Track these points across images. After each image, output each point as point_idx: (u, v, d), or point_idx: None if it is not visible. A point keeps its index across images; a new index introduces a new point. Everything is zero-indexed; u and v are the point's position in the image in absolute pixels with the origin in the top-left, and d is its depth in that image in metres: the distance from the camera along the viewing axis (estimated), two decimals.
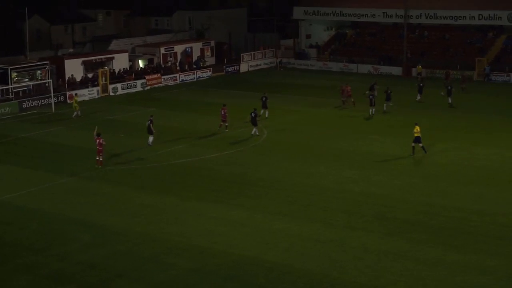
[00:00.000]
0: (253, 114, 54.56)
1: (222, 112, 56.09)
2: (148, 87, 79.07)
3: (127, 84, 77.81)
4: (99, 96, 74.26)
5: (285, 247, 32.74)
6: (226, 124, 55.89)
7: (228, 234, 34.52)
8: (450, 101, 65.06)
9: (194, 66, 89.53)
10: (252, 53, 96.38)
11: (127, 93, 76.24)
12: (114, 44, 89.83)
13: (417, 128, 47.85)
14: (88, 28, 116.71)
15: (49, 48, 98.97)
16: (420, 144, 47.83)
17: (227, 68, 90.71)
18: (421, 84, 68.69)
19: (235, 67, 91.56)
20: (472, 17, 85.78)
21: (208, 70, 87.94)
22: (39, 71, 74.04)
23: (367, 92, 65.70)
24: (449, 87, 65.93)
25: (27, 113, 65.97)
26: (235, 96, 71.84)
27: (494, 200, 38.75)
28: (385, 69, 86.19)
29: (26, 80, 72.88)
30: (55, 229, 35.69)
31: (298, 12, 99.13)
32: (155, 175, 45.03)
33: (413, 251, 31.94)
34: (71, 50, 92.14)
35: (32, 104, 68.08)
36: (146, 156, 49.40)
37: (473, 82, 78.87)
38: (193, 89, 78.04)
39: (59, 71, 76.47)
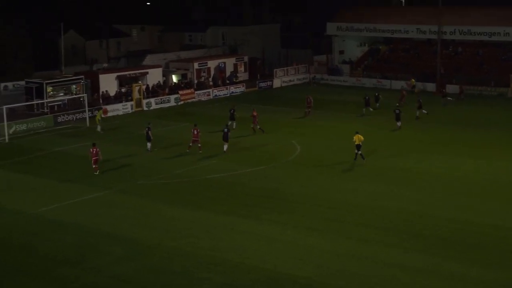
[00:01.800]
0: (225, 130, 54.57)
1: (195, 132, 54.39)
2: (182, 102, 79.24)
3: (161, 99, 78.05)
4: (133, 110, 74.52)
5: (319, 264, 32.31)
6: (199, 145, 54.29)
7: (260, 249, 34.18)
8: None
9: (228, 82, 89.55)
10: (286, 68, 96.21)
11: (161, 108, 76.42)
12: (148, 59, 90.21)
13: (359, 137, 50.05)
14: (123, 43, 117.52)
15: (84, 63, 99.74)
16: (359, 152, 50.02)
17: (260, 84, 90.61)
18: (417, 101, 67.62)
19: (268, 82, 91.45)
20: (506, 33, 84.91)
21: (241, 86, 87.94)
22: (74, 86, 74.63)
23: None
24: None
25: (62, 127, 66.34)
26: (268, 112, 71.62)
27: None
28: (418, 85, 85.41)
29: (61, 94, 73.46)
30: (89, 243, 35.64)
31: (331, 28, 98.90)
32: (188, 190, 44.87)
33: (450, 269, 31.32)
34: (105, 65, 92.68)
35: (66, 118, 68.48)
36: (179, 170, 49.31)
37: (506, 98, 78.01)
38: (226, 104, 77.92)
39: (94, 86, 76.96)
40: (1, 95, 73.68)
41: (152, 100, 77.10)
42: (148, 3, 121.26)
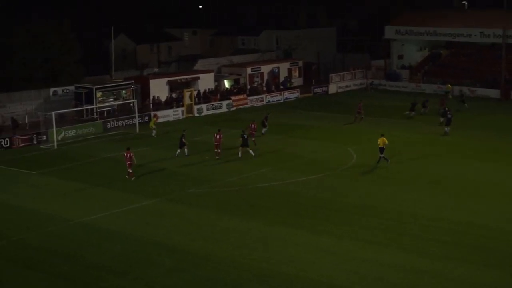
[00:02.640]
0: (245, 136, 54.98)
1: (217, 137, 55.27)
2: (234, 108, 79.34)
3: (212, 105, 78.27)
4: (184, 116, 74.82)
5: (376, 277, 31.86)
6: (219, 150, 55.24)
7: (315, 262, 33.85)
8: None
9: (281, 87, 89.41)
10: (342, 73, 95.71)
11: (212, 114, 76.61)
12: (199, 64, 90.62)
13: (383, 140, 51.23)
14: (174, 47, 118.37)
15: (134, 67, 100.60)
16: (382, 155, 51.31)
17: (315, 89, 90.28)
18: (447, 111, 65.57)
19: (324, 88, 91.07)
20: None
21: (296, 91, 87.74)
22: (124, 91, 75.24)
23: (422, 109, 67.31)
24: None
25: (111, 133, 66.92)
26: (323, 118, 71.28)
27: None
28: (481, 91, 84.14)
29: (111, 100, 74.09)
30: (137, 252, 35.73)
31: (389, 31, 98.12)
32: (240, 199, 44.76)
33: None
34: (156, 69, 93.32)
35: (116, 124, 69.05)
36: (231, 179, 49.27)
37: None
38: (280, 110, 77.84)
39: (144, 91, 77.51)
40: (50, 100, 74.53)
41: (204, 106, 77.36)
42: (200, 7, 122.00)
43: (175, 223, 40.22)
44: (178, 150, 55.39)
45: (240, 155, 54.77)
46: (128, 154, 49.70)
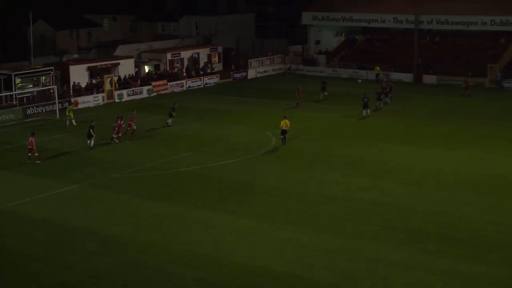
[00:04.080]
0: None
1: (119, 122, 56.25)
2: (155, 94, 79.23)
3: (133, 90, 77.98)
4: (104, 102, 74.39)
5: (293, 257, 32.65)
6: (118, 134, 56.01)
7: (235, 243, 34.45)
8: None
9: (201, 72, 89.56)
10: (260, 59, 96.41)
11: (133, 99, 76.36)
12: (119, 50, 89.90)
13: (286, 122, 52.99)
14: (94, 33, 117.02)
15: (53, 53, 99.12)
16: (282, 136, 53.28)
17: (235, 75, 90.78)
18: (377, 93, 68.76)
19: (243, 73, 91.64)
20: (484, 22, 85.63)
21: (216, 77, 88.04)
22: (43, 77, 74.26)
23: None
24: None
25: (31, 119, 66.12)
26: (242, 103, 71.92)
27: (508, 210, 38.53)
28: (395, 75, 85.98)
29: (30, 86, 73.07)
30: (60, 238, 35.67)
31: (307, 17, 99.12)
32: (161, 183, 45.03)
33: (424, 262, 31.78)
34: (76, 56, 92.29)
35: (36, 110, 68.22)
36: (152, 163, 49.43)
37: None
38: (200, 96, 78.15)
39: (64, 77, 76.63)
40: None
41: (124, 91, 77.00)
42: None
43: (98, 208, 40.20)
44: (91, 141, 54.03)
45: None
46: (31, 138, 49.82)
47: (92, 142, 53.91)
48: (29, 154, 49.94)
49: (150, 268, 31.76)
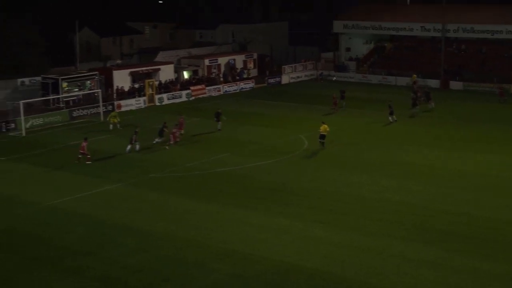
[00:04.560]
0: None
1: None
2: (193, 98, 79.36)
3: (173, 94, 78.20)
4: (146, 106, 74.67)
5: (325, 254, 32.43)
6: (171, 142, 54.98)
7: (269, 241, 34.31)
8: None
9: (237, 78, 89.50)
10: (293, 65, 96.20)
11: (173, 103, 76.53)
12: (160, 56, 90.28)
13: (324, 127, 52.81)
14: (135, 40, 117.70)
15: (98, 59, 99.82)
16: (322, 141, 53.05)
17: (269, 80, 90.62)
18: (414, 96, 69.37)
19: (277, 78, 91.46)
20: (508, 31, 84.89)
21: (251, 82, 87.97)
22: (88, 82, 74.79)
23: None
24: None
25: (77, 121, 66.54)
26: (277, 107, 71.81)
27: None
28: (422, 82, 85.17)
29: (76, 90, 73.59)
30: (101, 234, 35.80)
31: (338, 26, 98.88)
32: (199, 183, 45.00)
33: (451, 261, 31.41)
34: (119, 61, 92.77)
35: (81, 113, 68.65)
36: (191, 164, 49.45)
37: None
38: (237, 100, 78.08)
39: (108, 82, 77.10)
40: (18, 90, 73.82)
41: (164, 95, 77.24)
42: (160, 1, 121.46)
43: (138, 206, 40.31)
44: (129, 146, 53.43)
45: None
46: (84, 144, 50.06)
47: (130, 147, 53.12)
48: (79, 156, 50.17)
49: (190, 264, 31.71)
